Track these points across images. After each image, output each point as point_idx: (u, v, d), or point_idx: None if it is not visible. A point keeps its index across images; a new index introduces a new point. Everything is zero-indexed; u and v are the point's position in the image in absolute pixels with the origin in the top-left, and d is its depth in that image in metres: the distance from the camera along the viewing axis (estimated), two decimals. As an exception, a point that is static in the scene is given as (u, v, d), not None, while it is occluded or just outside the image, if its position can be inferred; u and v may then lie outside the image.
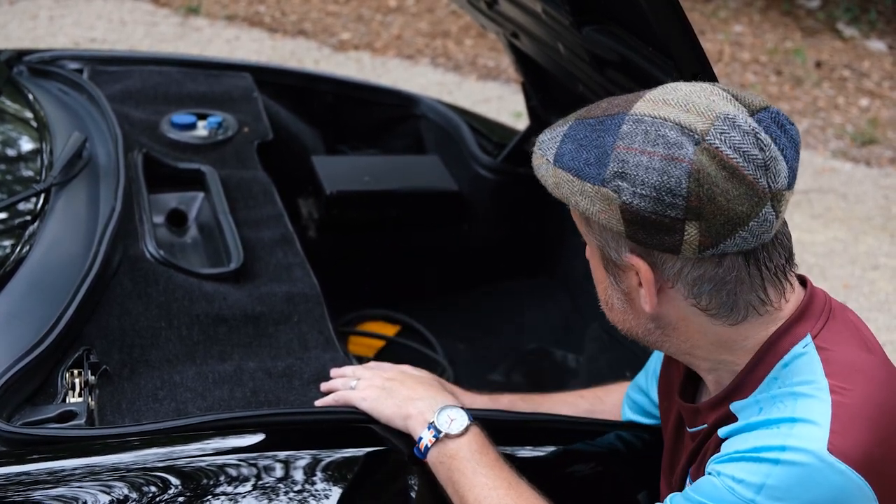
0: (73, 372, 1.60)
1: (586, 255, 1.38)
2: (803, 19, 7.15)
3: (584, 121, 1.27)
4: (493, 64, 6.29)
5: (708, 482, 1.23)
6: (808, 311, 1.30)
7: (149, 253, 1.90)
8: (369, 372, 1.64)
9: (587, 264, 1.38)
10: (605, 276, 1.32)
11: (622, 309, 1.33)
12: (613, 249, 1.27)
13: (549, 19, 1.94)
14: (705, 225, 1.18)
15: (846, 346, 1.28)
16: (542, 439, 1.69)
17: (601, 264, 1.32)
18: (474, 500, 1.40)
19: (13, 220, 1.88)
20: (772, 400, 1.25)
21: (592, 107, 1.30)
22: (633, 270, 1.26)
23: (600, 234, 1.27)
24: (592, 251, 1.33)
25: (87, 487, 1.36)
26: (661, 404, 1.58)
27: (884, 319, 4.15)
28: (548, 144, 1.29)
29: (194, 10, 6.58)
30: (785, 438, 1.18)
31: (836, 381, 1.22)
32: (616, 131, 1.21)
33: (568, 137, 1.26)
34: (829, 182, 5.28)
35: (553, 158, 1.26)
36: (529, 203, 2.75)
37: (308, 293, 1.94)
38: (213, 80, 2.71)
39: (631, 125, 1.21)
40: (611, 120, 1.23)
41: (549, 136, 1.30)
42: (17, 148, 2.24)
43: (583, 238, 1.34)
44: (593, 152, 1.22)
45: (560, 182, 1.26)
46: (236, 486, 1.41)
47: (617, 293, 1.32)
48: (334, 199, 2.63)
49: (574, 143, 1.25)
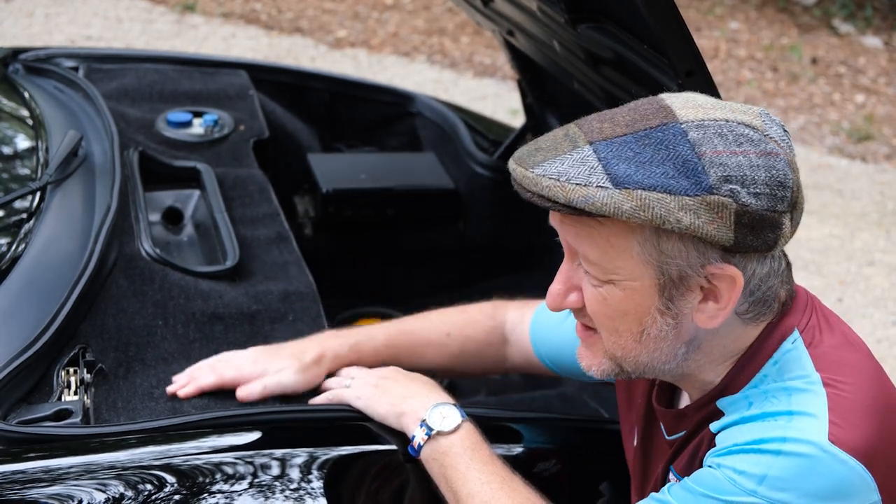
0: (69, 370, 1.60)
1: (589, 303, 1.26)
2: (799, 16, 7.16)
3: (613, 140, 1.18)
4: (489, 61, 6.29)
5: (708, 474, 1.23)
6: (793, 307, 1.31)
7: (144, 251, 1.90)
8: (363, 371, 1.65)
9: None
10: (653, 305, 1.23)
11: (658, 339, 1.25)
12: (692, 265, 1.19)
13: (544, 17, 1.94)
14: (796, 214, 1.21)
15: (832, 341, 1.29)
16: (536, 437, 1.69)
17: (652, 291, 1.22)
18: (467, 495, 1.40)
19: (9, 218, 1.88)
20: (763, 395, 1.25)
21: (600, 128, 1.20)
22: (700, 286, 1.20)
23: (675, 253, 1.18)
24: (636, 283, 1.22)
25: (82, 486, 1.36)
26: (621, 405, 1.58)
27: (880, 316, 4.16)
28: (578, 173, 1.16)
29: (190, 7, 6.58)
30: (785, 430, 1.19)
31: (827, 375, 1.23)
32: (684, 140, 1.16)
33: (611, 159, 1.16)
34: (825, 178, 5.29)
35: (613, 183, 1.15)
36: (525, 200, 2.75)
37: (304, 291, 1.94)
38: (208, 78, 2.71)
39: (697, 131, 1.16)
40: (662, 132, 1.17)
41: (568, 165, 1.17)
42: (13, 146, 2.24)
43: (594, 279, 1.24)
44: (669, 165, 1.15)
45: (647, 203, 1.14)
46: (232, 484, 1.41)
47: (665, 320, 1.23)
48: (330, 197, 2.63)
49: (629, 163, 1.15)
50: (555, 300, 1.29)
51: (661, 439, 1.43)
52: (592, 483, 1.73)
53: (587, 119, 1.24)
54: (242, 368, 1.64)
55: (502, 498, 1.39)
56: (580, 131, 1.21)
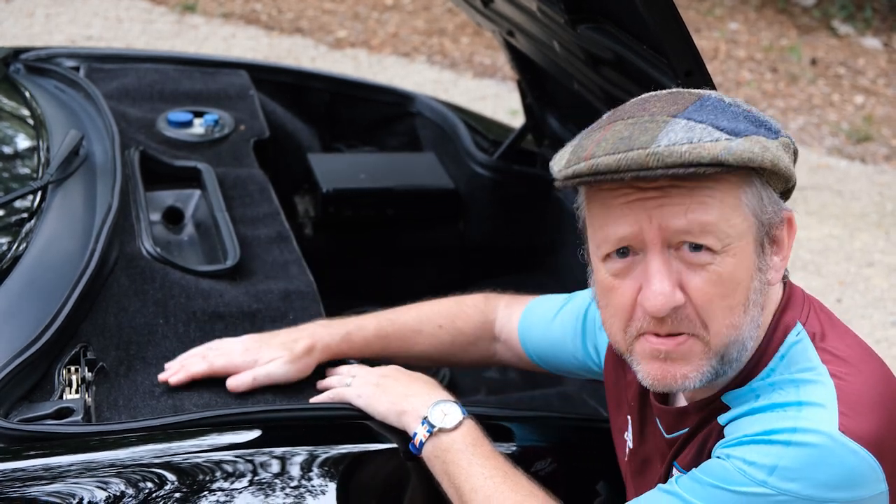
0: (70, 369, 1.60)
1: (702, 291, 1.22)
2: (799, 17, 7.17)
3: (689, 109, 1.22)
4: (489, 62, 6.29)
5: (717, 465, 1.23)
6: (791, 302, 1.32)
7: (145, 250, 1.90)
8: (364, 369, 1.65)
9: (582, 261, 1.37)
10: (752, 268, 1.24)
11: (756, 303, 1.25)
12: (775, 212, 1.25)
13: (544, 17, 1.94)
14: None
15: (833, 334, 1.30)
16: (537, 434, 1.70)
17: (752, 251, 1.24)
18: (470, 490, 1.41)
19: (10, 218, 1.88)
20: (770, 387, 1.25)
21: (663, 106, 1.24)
22: (773, 238, 1.26)
23: (767, 202, 1.24)
24: (742, 244, 1.22)
25: (83, 483, 1.36)
26: (610, 404, 1.58)
27: (879, 316, 4.16)
28: (700, 134, 1.18)
29: (191, 7, 6.58)
30: (795, 420, 1.19)
31: (834, 367, 1.24)
32: (728, 102, 1.25)
33: (707, 120, 1.20)
34: (825, 179, 5.29)
35: (733, 134, 1.19)
36: (525, 200, 2.76)
37: (304, 290, 1.94)
38: (209, 78, 2.72)
39: (725, 97, 1.27)
40: (708, 100, 1.25)
41: (683, 133, 1.18)
42: (14, 145, 2.25)
43: (717, 242, 1.21)
44: (742, 119, 1.22)
45: (766, 146, 1.20)
46: (232, 483, 1.41)
47: (760, 279, 1.25)
48: (330, 196, 2.63)
49: (724, 120, 1.21)
50: (668, 298, 1.21)
51: (658, 438, 1.43)
52: (591, 481, 1.73)
53: (633, 109, 1.26)
54: (233, 357, 1.65)
55: (505, 492, 1.39)
56: (649, 113, 1.23)
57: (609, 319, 1.29)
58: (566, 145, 1.27)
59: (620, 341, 1.29)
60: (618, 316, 1.27)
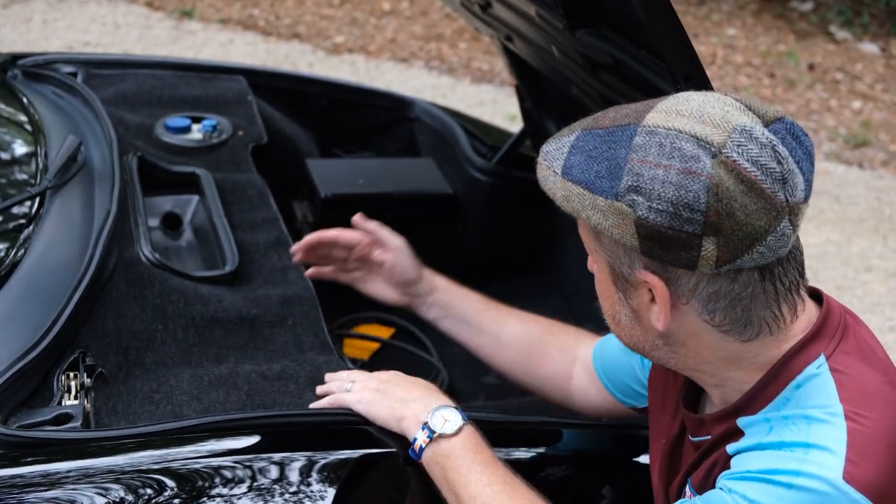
0: (69, 375, 1.60)
1: (588, 268, 1.33)
2: (796, 22, 7.18)
3: (593, 131, 1.22)
4: (486, 67, 6.30)
5: (719, 497, 1.21)
6: (822, 330, 1.27)
7: (144, 256, 1.90)
8: (364, 374, 1.65)
9: (581, 266, 1.37)
10: (614, 292, 1.28)
11: (630, 325, 1.30)
12: (626, 265, 1.23)
13: (542, 22, 1.94)
14: (723, 240, 1.14)
15: (860, 369, 1.25)
16: (536, 440, 1.70)
17: (609, 279, 1.28)
18: (469, 497, 1.40)
19: (8, 224, 1.88)
20: (783, 421, 1.23)
21: (600, 116, 1.25)
22: (646, 287, 1.22)
23: (611, 250, 1.23)
24: (600, 266, 1.29)
25: (81, 490, 1.36)
26: (653, 407, 1.57)
27: (877, 321, 4.17)
28: (554, 155, 1.24)
29: (188, 13, 6.59)
30: (800, 463, 1.16)
31: (851, 407, 1.20)
32: (628, 143, 1.17)
33: (576, 149, 1.22)
34: (822, 184, 5.30)
35: (561, 170, 1.22)
36: (523, 205, 2.76)
37: (303, 296, 1.94)
38: (207, 84, 2.72)
39: (644, 137, 1.17)
40: (622, 131, 1.19)
41: (554, 146, 1.25)
42: (12, 151, 2.24)
43: (586, 249, 1.31)
44: (604, 164, 1.18)
45: (570, 195, 1.21)
46: (232, 488, 1.41)
47: (625, 309, 1.28)
48: (329, 202, 2.63)
49: (583, 155, 1.21)
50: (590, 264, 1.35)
51: (686, 438, 1.43)
52: (592, 487, 1.73)
53: (606, 110, 1.28)
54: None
55: (504, 500, 1.39)
56: (588, 119, 1.27)
57: None
58: None
59: None
60: None
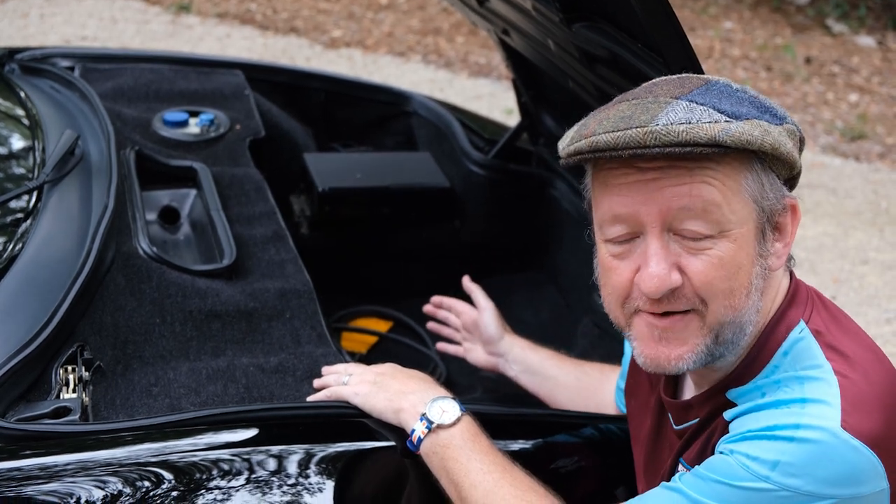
0: (67, 368, 1.60)
1: (702, 273, 1.23)
2: (793, 16, 7.18)
3: (697, 90, 1.24)
4: (484, 61, 6.29)
5: (721, 460, 1.24)
6: (796, 298, 1.33)
7: (142, 250, 1.90)
8: (361, 367, 1.65)
9: (577, 259, 1.38)
10: (753, 254, 1.25)
11: (757, 288, 1.26)
12: (776, 199, 1.26)
13: (539, 16, 1.95)
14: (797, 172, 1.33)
15: (837, 331, 1.30)
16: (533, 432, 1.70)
17: (752, 237, 1.25)
18: (469, 485, 1.41)
19: (6, 218, 1.88)
20: (775, 384, 1.26)
21: (669, 88, 1.25)
22: (775, 224, 1.27)
23: (771, 187, 1.25)
24: (744, 229, 1.23)
25: (80, 483, 1.36)
26: (630, 404, 1.59)
27: (873, 314, 4.18)
28: (698, 115, 1.19)
29: (185, 7, 6.58)
30: (798, 417, 1.20)
31: (838, 365, 1.25)
32: (735, 87, 1.27)
33: (710, 103, 1.21)
34: (819, 177, 5.30)
35: (733, 117, 1.20)
36: (520, 199, 2.76)
37: (301, 289, 1.95)
38: (204, 78, 2.72)
39: (732, 84, 1.28)
40: (715, 85, 1.26)
41: (683, 113, 1.19)
42: (10, 146, 2.25)
43: (718, 225, 1.22)
44: (748, 104, 1.24)
45: (767, 129, 1.21)
46: (229, 481, 1.42)
47: (761, 265, 1.26)
48: (326, 195, 2.63)
49: (728, 101, 1.22)
50: (663, 281, 1.22)
51: (669, 430, 1.44)
52: (588, 477, 1.73)
53: (640, 91, 1.28)
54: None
55: (504, 486, 1.40)
56: (653, 94, 1.25)
57: (608, 297, 1.32)
58: (575, 125, 1.30)
59: (619, 318, 1.32)
60: (615, 294, 1.30)
